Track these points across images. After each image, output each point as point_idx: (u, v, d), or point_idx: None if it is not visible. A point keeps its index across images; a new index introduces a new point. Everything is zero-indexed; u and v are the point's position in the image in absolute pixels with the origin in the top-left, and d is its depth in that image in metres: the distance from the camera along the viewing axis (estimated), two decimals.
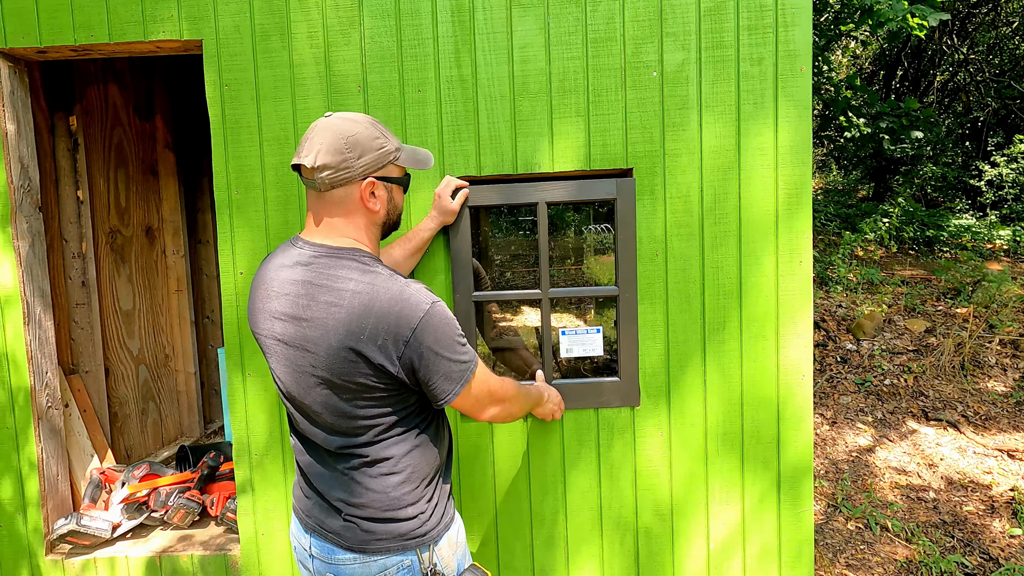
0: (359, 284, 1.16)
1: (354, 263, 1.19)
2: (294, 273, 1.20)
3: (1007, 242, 8.02)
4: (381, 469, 1.24)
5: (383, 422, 1.22)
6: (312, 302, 1.17)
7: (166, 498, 2.23)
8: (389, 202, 1.29)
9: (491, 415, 1.33)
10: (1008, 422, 4.02)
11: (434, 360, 1.17)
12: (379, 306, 1.14)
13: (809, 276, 1.86)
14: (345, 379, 1.16)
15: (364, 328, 1.13)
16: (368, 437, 1.22)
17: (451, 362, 1.19)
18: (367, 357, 1.14)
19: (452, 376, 1.20)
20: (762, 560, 1.93)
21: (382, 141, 1.24)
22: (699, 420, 1.90)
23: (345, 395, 1.19)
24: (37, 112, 2.42)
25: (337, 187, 1.21)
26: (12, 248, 1.95)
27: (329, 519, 1.28)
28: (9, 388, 1.99)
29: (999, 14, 10.29)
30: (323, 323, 1.15)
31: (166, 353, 3.23)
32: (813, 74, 5.80)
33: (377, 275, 1.18)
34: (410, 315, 1.14)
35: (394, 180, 1.29)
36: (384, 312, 1.14)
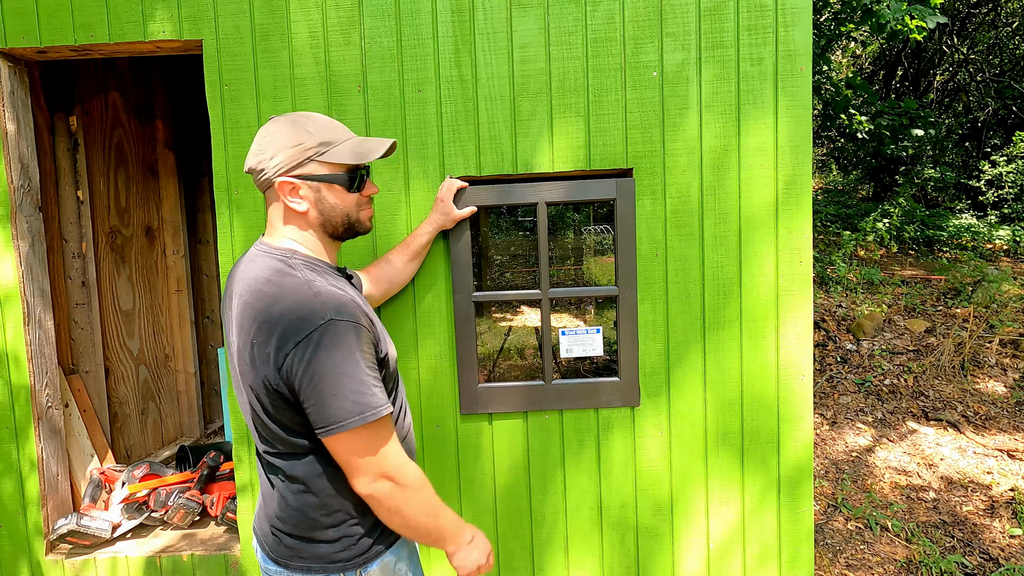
0: (270, 285, 1.10)
1: (278, 263, 1.14)
2: (244, 271, 1.18)
3: (1007, 242, 8.02)
4: (298, 487, 1.16)
5: (289, 438, 1.13)
6: (237, 300, 1.14)
7: (166, 498, 2.23)
8: (320, 203, 1.19)
9: (372, 490, 1.10)
10: (1008, 422, 4.02)
11: (313, 383, 1.04)
12: (278, 310, 1.07)
13: (809, 276, 1.86)
14: (252, 384, 1.12)
15: (261, 330, 1.08)
16: (282, 450, 1.15)
17: (332, 396, 1.04)
18: (257, 362, 1.09)
19: (328, 411, 1.04)
20: (762, 560, 1.93)
21: (301, 138, 1.16)
22: (699, 420, 1.90)
23: (256, 402, 1.13)
24: (37, 112, 2.42)
25: (266, 190, 1.20)
26: (12, 248, 1.95)
27: (262, 527, 1.23)
28: (9, 388, 1.99)
29: (999, 14, 10.29)
30: (240, 323, 1.12)
31: (166, 353, 3.23)
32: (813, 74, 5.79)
33: (291, 278, 1.11)
34: (302, 325, 1.04)
35: (319, 178, 1.18)
36: (279, 317, 1.06)
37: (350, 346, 1.06)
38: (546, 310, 1.89)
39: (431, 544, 1.20)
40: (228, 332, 1.21)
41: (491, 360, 3.67)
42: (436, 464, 1.92)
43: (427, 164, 1.84)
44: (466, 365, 1.88)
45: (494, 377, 3.46)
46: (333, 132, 1.20)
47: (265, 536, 1.23)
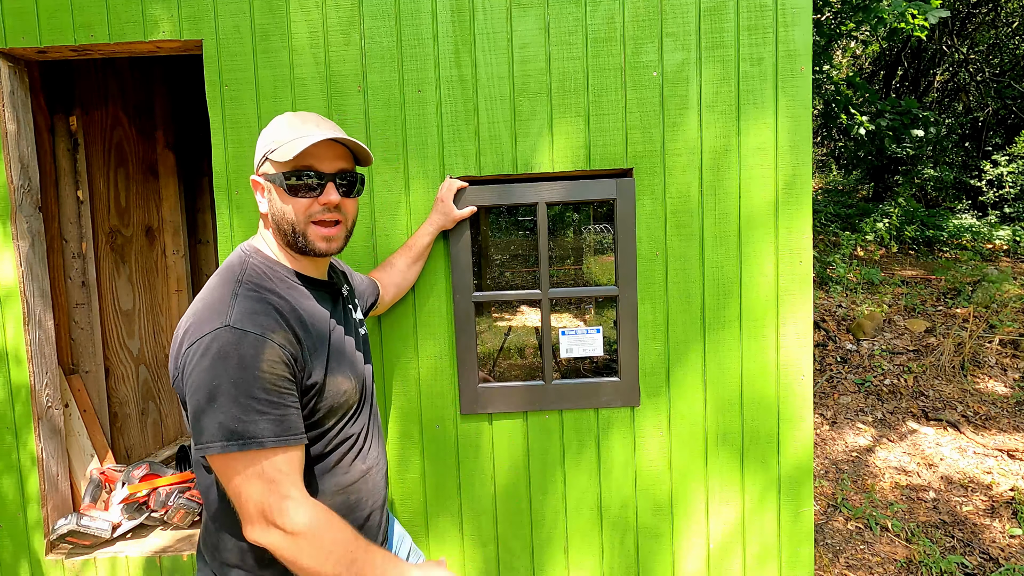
0: (212, 278, 1.09)
1: (236, 257, 1.13)
2: None
3: (1007, 242, 8.02)
4: (207, 511, 1.10)
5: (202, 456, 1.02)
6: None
7: (166, 498, 2.23)
8: (272, 204, 1.11)
9: (259, 539, 0.95)
10: (1008, 422, 4.02)
11: (192, 391, 0.94)
12: (192, 310, 1.03)
13: (809, 276, 1.86)
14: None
15: (177, 330, 1.04)
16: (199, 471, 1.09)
17: (212, 411, 0.92)
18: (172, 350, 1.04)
19: (201, 426, 0.93)
20: (762, 560, 1.93)
21: (272, 135, 1.11)
22: (699, 420, 1.90)
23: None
24: (37, 112, 2.42)
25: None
26: (12, 248, 1.95)
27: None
28: (9, 388, 1.99)
29: (999, 14, 10.29)
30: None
31: (166, 353, 3.23)
32: (814, 73, 5.80)
33: (230, 274, 1.07)
34: (201, 328, 0.97)
35: (269, 177, 1.11)
36: (187, 317, 1.02)
37: (242, 359, 0.93)
38: (546, 310, 1.89)
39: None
40: None
41: (491, 360, 3.67)
42: (436, 464, 1.92)
43: (427, 164, 1.84)
44: (466, 365, 1.88)
45: (494, 377, 3.46)
46: (300, 129, 1.09)
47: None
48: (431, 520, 1.93)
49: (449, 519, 1.93)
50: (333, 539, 0.96)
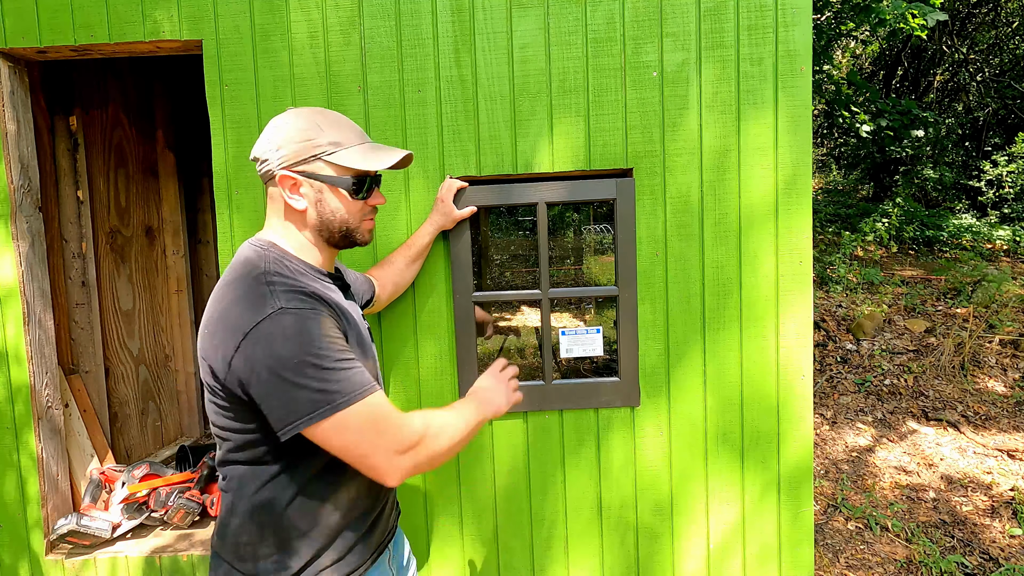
0: (230, 275, 1.06)
1: (254, 254, 1.09)
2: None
3: (1007, 242, 8.02)
4: (244, 504, 1.11)
5: (233, 438, 1.07)
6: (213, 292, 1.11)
7: (166, 498, 2.23)
8: (320, 204, 1.13)
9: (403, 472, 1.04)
10: (1008, 422, 4.02)
11: (268, 378, 0.96)
12: (228, 301, 1.02)
13: (809, 276, 1.86)
14: (204, 379, 1.07)
15: (211, 321, 1.03)
16: (221, 455, 1.11)
17: (293, 385, 0.96)
18: (207, 355, 1.03)
19: (294, 404, 0.96)
20: (762, 560, 1.93)
21: (311, 134, 1.10)
22: (699, 420, 1.90)
23: (207, 396, 1.08)
24: (37, 112, 2.42)
25: (266, 182, 1.15)
26: (12, 248, 1.95)
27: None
28: (9, 388, 1.99)
29: (999, 14, 10.29)
30: (206, 316, 1.08)
31: (166, 353, 3.23)
32: (814, 73, 5.80)
33: (254, 268, 1.05)
34: (248, 317, 0.98)
35: (323, 178, 1.12)
36: (228, 309, 1.01)
37: (294, 334, 0.97)
38: (546, 310, 1.89)
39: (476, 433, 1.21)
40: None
41: (491, 360, 3.66)
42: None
43: (427, 164, 1.85)
44: (466, 365, 1.88)
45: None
46: (346, 133, 1.14)
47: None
48: (431, 520, 1.93)
49: (449, 519, 1.93)
50: (439, 419, 1.11)
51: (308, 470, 1.08)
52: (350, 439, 0.99)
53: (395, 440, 1.03)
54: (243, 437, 1.06)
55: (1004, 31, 10.66)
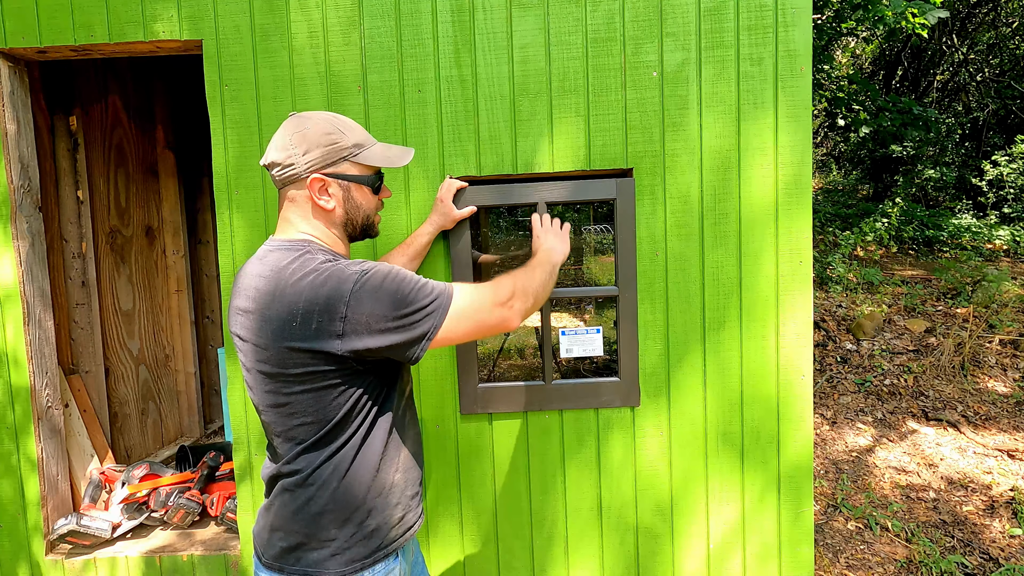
0: (294, 272, 1.11)
1: (297, 253, 1.15)
2: (254, 268, 1.18)
3: (1007, 242, 8.02)
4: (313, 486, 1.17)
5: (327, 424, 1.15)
6: (258, 293, 1.13)
7: (166, 498, 2.23)
8: (347, 201, 1.21)
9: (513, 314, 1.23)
10: (1008, 422, 4.02)
11: (383, 326, 1.09)
12: (310, 289, 1.08)
13: (809, 276, 1.86)
14: (288, 371, 1.12)
15: (297, 314, 1.08)
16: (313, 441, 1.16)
17: (403, 318, 1.10)
18: (303, 345, 1.08)
19: (416, 328, 1.11)
20: (762, 559, 1.93)
21: (335, 137, 1.18)
22: (699, 420, 1.90)
23: (287, 389, 1.13)
24: (37, 112, 2.42)
25: (288, 185, 1.19)
26: (12, 248, 1.95)
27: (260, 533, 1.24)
28: (9, 388, 1.99)
29: (999, 14, 10.29)
30: (264, 314, 1.11)
31: (166, 353, 3.23)
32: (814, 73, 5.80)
33: (312, 259, 1.13)
34: (341, 290, 1.08)
35: (351, 178, 1.21)
36: (314, 295, 1.08)
37: (383, 282, 1.10)
38: (546, 310, 1.89)
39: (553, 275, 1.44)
40: (238, 332, 1.18)
41: (491, 360, 3.67)
42: (436, 464, 1.92)
43: (427, 164, 1.85)
44: (466, 365, 1.88)
45: (494, 377, 3.46)
46: (362, 134, 1.23)
47: (262, 542, 1.21)
48: (432, 520, 1.93)
49: (450, 519, 1.93)
50: (524, 275, 1.31)
51: (381, 441, 1.20)
52: (468, 322, 1.17)
53: (492, 300, 1.21)
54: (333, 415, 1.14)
55: (1004, 31, 10.66)
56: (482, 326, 1.20)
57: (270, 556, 1.20)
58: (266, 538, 1.21)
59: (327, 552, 1.16)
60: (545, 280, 1.37)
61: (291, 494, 1.18)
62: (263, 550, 1.22)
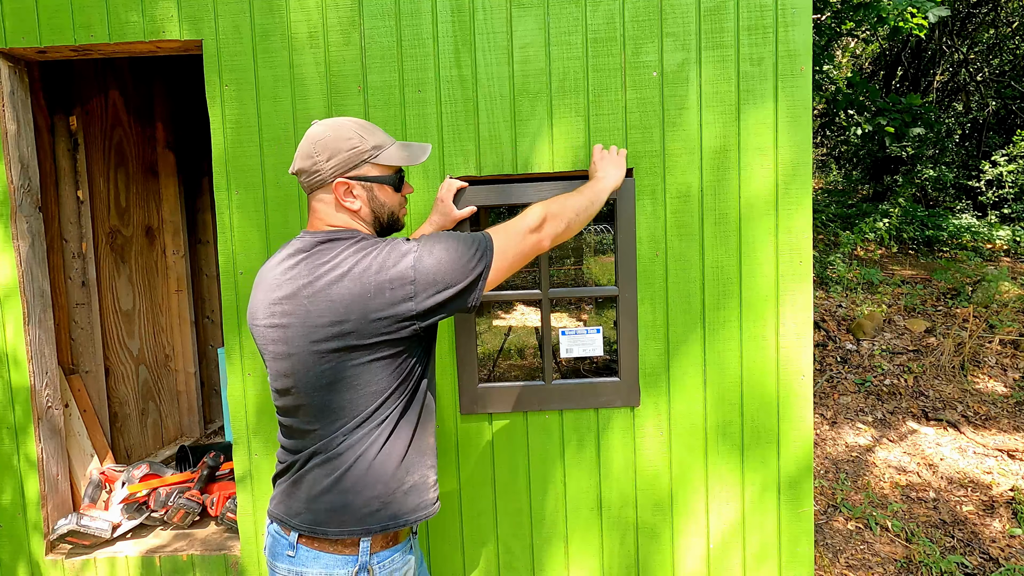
0: (355, 253, 1.20)
1: (349, 240, 1.24)
2: (295, 259, 1.24)
3: (1007, 242, 8.02)
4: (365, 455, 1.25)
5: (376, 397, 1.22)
6: (314, 278, 1.19)
7: (166, 498, 2.23)
8: (372, 201, 1.29)
9: (548, 236, 1.36)
10: (1008, 422, 4.02)
11: (448, 280, 1.19)
12: (377, 264, 1.18)
13: (809, 276, 1.86)
14: (361, 340, 1.18)
15: (369, 287, 1.16)
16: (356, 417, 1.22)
17: (461, 268, 1.21)
18: (380, 314, 1.16)
19: (471, 274, 1.22)
20: (762, 559, 1.93)
21: (355, 142, 1.25)
22: (699, 420, 1.90)
23: (355, 360, 1.19)
24: (37, 112, 2.42)
25: (316, 189, 1.27)
26: (12, 248, 1.95)
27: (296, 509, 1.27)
28: (9, 388, 1.99)
29: (999, 14, 10.29)
30: (327, 294, 1.17)
31: (166, 353, 3.23)
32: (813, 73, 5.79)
33: (368, 240, 1.23)
34: (404, 262, 1.18)
35: (373, 179, 1.28)
36: (381, 267, 1.17)
37: (438, 247, 1.21)
38: (546, 310, 1.89)
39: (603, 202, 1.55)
40: (278, 321, 1.22)
41: (491, 360, 3.67)
42: (437, 464, 1.92)
43: (427, 164, 1.85)
44: (466, 365, 1.88)
45: (494, 377, 3.46)
46: (380, 136, 1.30)
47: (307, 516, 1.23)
48: (432, 520, 1.93)
49: (449, 519, 1.93)
50: (561, 202, 1.42)
51: (415, 414, 1.28)
52: (509, 254, 1.28)
53: (524, 228, 1.32)
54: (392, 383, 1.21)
55: (1004, 31, 10.66)
56: (520, 254, 1.31)
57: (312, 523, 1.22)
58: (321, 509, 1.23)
59: (371, 509, 1.22)
60: (585, 206, 1.46)
61: (334, 463, 1.22)
62: (311, 524, 1.23)
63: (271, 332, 1.24)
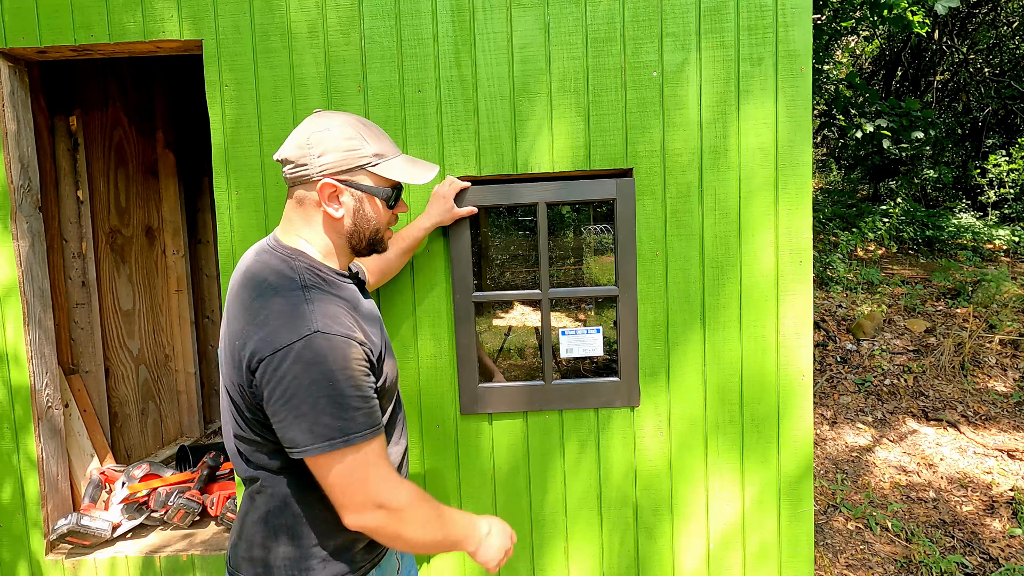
0: (264, 284, 1.07)
1: (280, 264, 1.10)
2: (244, 266, 1.15)
3: (1007, 242, 8.02)
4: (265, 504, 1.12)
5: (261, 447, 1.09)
6: (234, 299, 1.11)
7: (166, 498, 2.23)
8: (357, 212, 1.14)
9: (361, 522, 1.03)
10: (1008, 422, 4.02)
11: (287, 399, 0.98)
12: (264, 314, 1.03)
13: (809, 276, 1.86)
14: (228, 385, 1.09)
15: (244, 332, 1.04)
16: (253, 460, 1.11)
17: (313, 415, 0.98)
18: (238, 365, 1.05)
19: (307, 432, 0.98)
20: (762, 559, 1.93)
21: (356, 143, 1.11)
22: (699, 420, 1.90)
23: (231, 404, 1.10)
24: (37, 112, 2.42)
25: (297, 185, 1.14)
26: (12, 248, 1.95)
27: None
28: (9, 388, 1.99)
29: (999, 14, 10.29)
30: (232, 320, 1.09)
31: (166, 353, 3.23)
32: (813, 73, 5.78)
33: (290, 281, 1.07)
34: (283, 336, 0.99)
35: (365, 188, 1.13)
36: (264, 321, 1.02)
37: (326, 361, 0.99)
38: (546, 310, 1.89)
39: (448, 551, 1.16)
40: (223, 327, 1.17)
41: (491, 359, 3.66)
42: (436, 464, 1.92)
43: None
44: (466, 365, 1.88)
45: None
46: (386, 144, 1.16)
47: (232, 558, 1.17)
48: None
49: None
50: (427, 508, 1.09)
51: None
52: (340, 479, 1.01)
53: (375, 494, 1.03)
54: (261, 441, 1.09)
55: (1004, 31, 10.66)
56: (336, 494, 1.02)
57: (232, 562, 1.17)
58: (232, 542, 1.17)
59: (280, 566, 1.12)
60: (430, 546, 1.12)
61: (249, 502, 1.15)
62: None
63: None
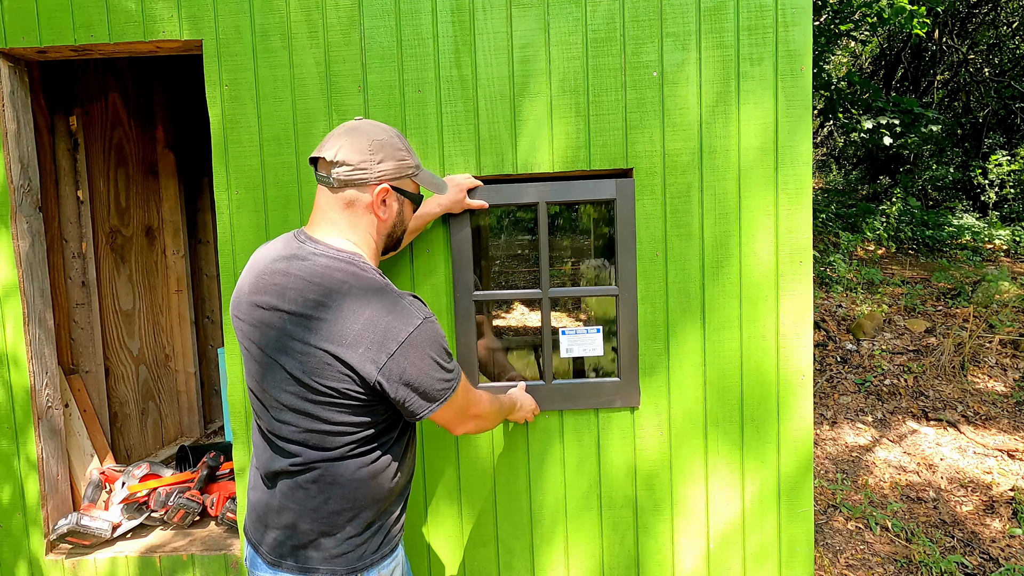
0: (352, 288, 1.15)
1: (351, 267, 1.18)
2: (289, 266, 1.19)
3: (1007, 242, 8.03)
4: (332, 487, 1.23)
5: (352, 432, 1.19)
6: (301, 298, 1.16)
7: (166, 498, 2.23)
8: (398, 215, 1.30)
9: (465, 429, 1.36)
10: (1008, 422, 4.02)
11: (416, 376, 1.16)
12: (369, 312, 1.13)
13: (809, 276, 1.86)
14: (318, 380, 1.15)
15: (349, 332, 1.12)
16: (334, 446, 1.20)
17: (433, 379, 1.18)
18: (346, 361, 1.13)
19: (431, 394, 1.19)
20: (762, 559, 1.93)
21: (404, 154, 1.26)
22: (699, 420, 1.90)
23: (313, 397, 1.17)
24: (37, 112, 2.42)
25: (351, 187, 1.21)
26: (12, 248, 1.95)
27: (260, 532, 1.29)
28: (9, 388, 1.99)
29: (999, 14, 10.28)
30: (306, 321, 1.14)
31: (166, 353, 3.23)
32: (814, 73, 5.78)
33: (372, 281, 1.18)
34: (400, 327, 1.14)
35: (407, 194, 1.30)
36: (373, 320, 1.13)
37: (436, 338, 1.19)
38: (546, 310, 1.89)
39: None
40: (248, 319, 1.22)
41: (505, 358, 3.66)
42: (436, 464, 1.92)
43: (427, 164, 1.85)
44: (466, 365, 1.88)
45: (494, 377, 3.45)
46: (416, 156, 1.33)
47: (269, 541, 1.25)
48: (432, 520, 1.93)
49: (449, 519, 1.93)
50: (496, 406, 1.47)
51: (399, 449, 1.28)
52: (453, 414, 1.28)
53: (473, 412, 1.35)
54: (362, 432, 1.20)
55: (1004, 31, 10.66)
56: (451, 424, 1.31)
57: (278, 554, 1.24)
58: (277, 536, 1.25)
59: (342, 548, 1.23)
60: (500, 420, 1.52)
61: (305, 492, 1.22)
62: (270, 548, 1.25)
63: (250, 331, 1.23)
